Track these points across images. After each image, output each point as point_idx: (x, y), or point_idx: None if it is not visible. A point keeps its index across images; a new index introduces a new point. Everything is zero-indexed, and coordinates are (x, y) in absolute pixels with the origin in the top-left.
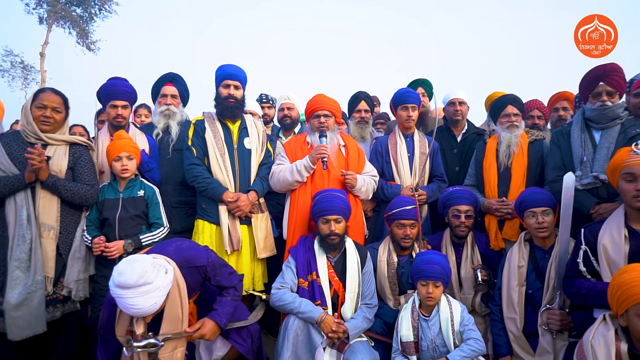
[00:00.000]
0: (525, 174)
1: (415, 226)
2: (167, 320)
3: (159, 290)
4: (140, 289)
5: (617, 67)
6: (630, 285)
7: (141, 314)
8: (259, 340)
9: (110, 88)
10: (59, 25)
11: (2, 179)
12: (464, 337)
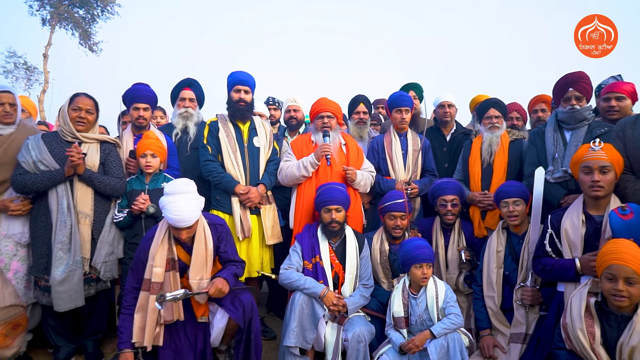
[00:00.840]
0: (505, 169)
1: (405, 217)
2: (195, 265)
3: (196, 202)
4: (185, 195)
5: (585, 75)
6: (606, 252)
7: (182, 218)
8: (251, 312)
9: (134, 92)
10: (62, 27)
11: (46, 173)
12: (446, 312)
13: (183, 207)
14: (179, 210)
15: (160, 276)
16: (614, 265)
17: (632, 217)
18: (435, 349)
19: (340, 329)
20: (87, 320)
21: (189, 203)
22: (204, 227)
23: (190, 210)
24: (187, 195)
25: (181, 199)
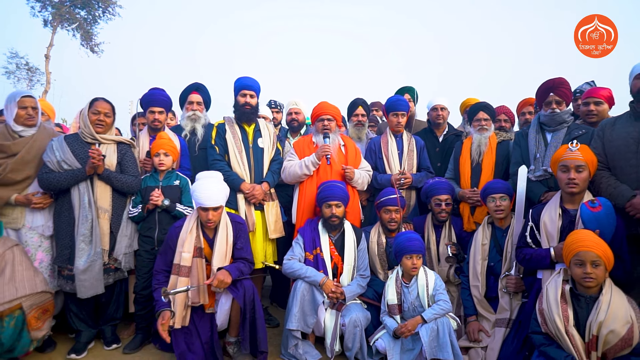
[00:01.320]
0: (493, 168)
1: (399, 211)
2: (218, 253)
3: (222, 187)
4: (212, 179)
5: (564, 81)
6: (571, 242)
7: (209, 196)
8: (252, 294)
9: (150, 97)
10: (64, 28)
11: (69, 172)
12: (435, 299)
13: (210, 187)
14: (207, 190)
15: (188, 261)
16: (581, 251)
17: (601, 209)
18: (426, 332)
19: (339, 315)
20: (105, 308)
21: (215, 185)
22: (227, 221)
23: (217, 190)
24: (214, 179)
25: (209, 181)
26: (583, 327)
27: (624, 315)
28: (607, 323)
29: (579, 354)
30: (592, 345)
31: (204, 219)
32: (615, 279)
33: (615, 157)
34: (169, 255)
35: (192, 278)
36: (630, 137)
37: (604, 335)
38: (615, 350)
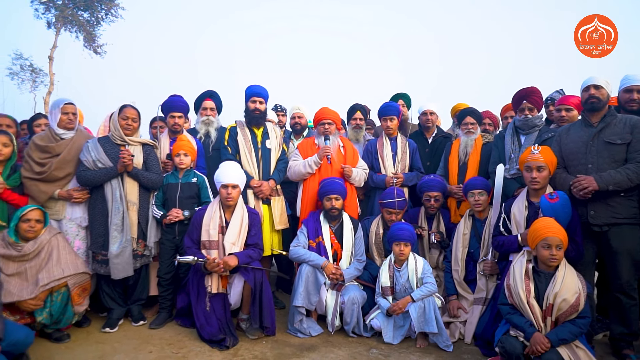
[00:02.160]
0: (477, 167)
1: (399, 213)
2: (231, 229)
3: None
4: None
5: (536, 89)
6: (538, 229)
7: (230, 174)
8: (261, 277)
9: (171, 103)
10: (67, 30)
11: (103, 170)
12: (423, 282)
13: (231, 168)
14: (228, 170)
15: (215, 236)
16: (549, 237)
17: (557, 200)
18: (415, 310)
19: (338, 294)
20: (133, 289)
21: (234, 168)
22: (242, 206)
23: (235, 170)
24: (234, 164)
25: (230, 164)
26: (541, 298)
27: (574, 287)
28: (561, 293)
29: (537, 320)
30: (548, 312)
31: (224, 196)
32: (569, 259)
33: (569, 158)
34: (195, 234)
35: (219, 251)
36: (581, 140)
37: (558, 303)
38: (565, 315)
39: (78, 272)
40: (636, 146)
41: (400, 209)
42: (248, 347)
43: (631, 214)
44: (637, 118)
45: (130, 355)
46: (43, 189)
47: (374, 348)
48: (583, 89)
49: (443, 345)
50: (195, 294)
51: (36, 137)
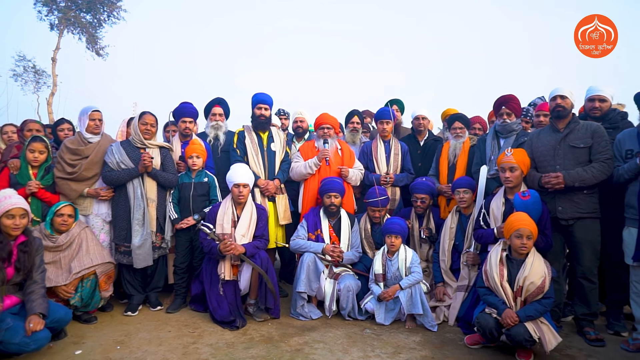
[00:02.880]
0: (465, 168)
1: (382, 210)
2: (242, 222)
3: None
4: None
5: (514, 97)
6: (513, 221)
7: (241, 174)
8: (267, 263)
9: (182, 110)
10: (70, 32)
11: (126, 170)
12: (411, 270)
13: (241, 169)
14: (239, 171)
15: (228, 229)
16: (521, 228)
17: (529, 198)
18: (404, 295)
19: (335, 283)
20: (151, 278)
21: (245, 169)
22: (251, 203)
23: (246, 171)
24: (244, 165)
25: (241, 165)
26: (513, 282)
27: (541, 272)
28: (530, 277)
29: (509, 300)
30: (518, 293)
31: (236, 194)
32: (540, 249)
33: (539, 159)
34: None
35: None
36: (550, 144)
37: (527, 285)
38: (532, 295)
39: (105, 261)
40: (597, 148)
41: (383, 206)
42: (255, 328)
43: (592, 209)
44: (597, 124)
45: (152, 334)
46: (74, 187)
47: (367, 328)
48: (550, 99)
49: (429, 326)
50: (208, 281)
51: (67, 141)
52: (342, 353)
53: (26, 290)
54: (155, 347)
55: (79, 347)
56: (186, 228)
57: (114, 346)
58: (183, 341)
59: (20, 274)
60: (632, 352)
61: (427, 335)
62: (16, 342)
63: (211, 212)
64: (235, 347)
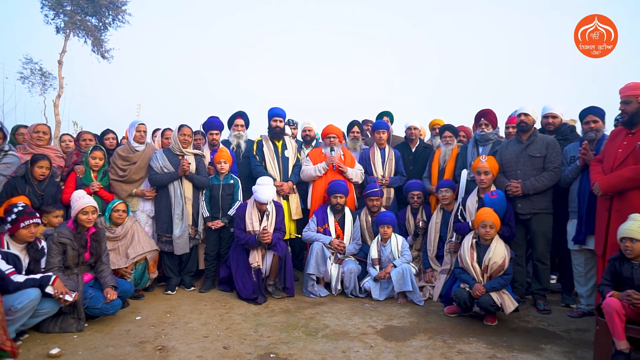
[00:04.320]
0: (453, 171)
1: (379, 200)
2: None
3: (272, 190)
4: (269, 186)
5: (491, 111)
6: (478, 215)
7: (265, 199)
8: (285, 251)
9: (211, 124)
10: (75, 35)
11: (168, 174)
12: (402, 254)
13: (266, 191)
14: (264, 193)
15: (256, 225)
16: (485, 220)
17: (496, 197)
18: (395, 274)
19: (340, 267)
20: (186, 263)
21: (269, 190)
22: (273, 206)
23: (270, 194)
24: (269, 186)
25: (266, 188)
26: (481, 262)
27: (502, 254)
28: (493, 258)
29: (478, 276)
30: (485, 270)
31: (259, 206)
32: (504, 237)
33: (506, 166)
34: (241, 225)
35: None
36: (514, 153)
37: (491, 264)
38: (496, 272)
39: (153, 249)
40: (549, 158)
41: (380, 196)
42: (275, 303)
43: (545, 206)
44: (551, 138)
45: (192, 307)
46: (124, 188)
47: (366, 303)
48: (517, 115)
49: (417, 301)
50: (235, 266)
51: (119, 149)
52: (346, 319)
53: (97, 269)
54: (197, 315)
55: (137, 315)
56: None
57: (164, 314)
58: (218, 312)
59: (93, 257)
60: (574, 317)
61: (415, 308)
62: (99, 307)
63: (239, 212)
64: (260, 316)
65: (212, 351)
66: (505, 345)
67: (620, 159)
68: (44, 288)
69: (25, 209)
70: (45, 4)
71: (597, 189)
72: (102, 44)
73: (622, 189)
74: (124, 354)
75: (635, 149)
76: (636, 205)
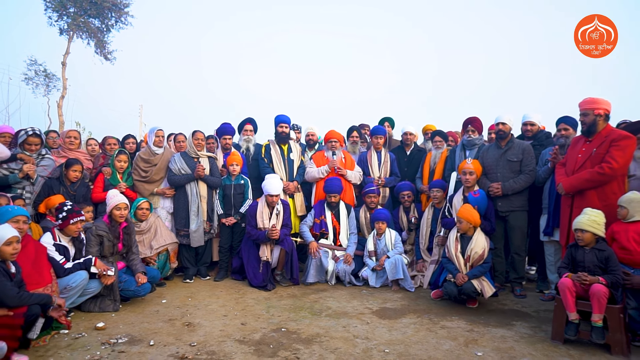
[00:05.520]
0: (442, 173)
1: (376, 197)
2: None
3: (280, 183)
4: (276, 179)
5: (478, 118)
6: (460, 212)
7: (275, 189)
8: (291, 246)
9: (224, 130)
10: (79, 37)
11: (185, 175)
12: (395, 246)
13: (275, 183)
14: (273, 184)
15: (266, 223)
16: (463, 217)
17: (479, 196)
18: (389, 264)
19: (335, 264)
20: (201, 255)
21: (277, 182)
22: (281, 204)
23: (278, 185)
24: (276, 179)
25: (274, 179)
26: (464, 252)
27: (482, 245)
28: (474, 248)
29: (461, 265)
30: (467, 260)
31: (270, 201)
32: (486, 231)
33: (487, 169)
34: (252, 222)
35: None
36: (494, 158)
37: (473, 254)
38: (477, 261)
39: (173, 241)
40: (525, 162)
41: (377, 194)
42: (282, 290)
43: (521, 204)
44: (527, 144)
45: (209, 292)
46: (147, 187)
47: (364, 290)
48: (495, 124)
49: (408, 287)
50: (246, 257)
51: (141, 153)
52: (346, 302)
53: (128, 258)
54: (215, 299)
55: (162, 299)
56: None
57: (186, 298)
58: (233, 296)
59: (125, 248)
60: (545, 300)
61: (406, 294)
62: (132, 290)
63: (251, 210)
64: (270, 300)
65: (232, 326)
66: (482, 322)
67: (580, 162)
68: (89, 269)
69: (74, 208)
70: (48, 6)
71: (560, 189)
72: (105, 46)
73: (581, 188)
74: (157, 328)
75: (592, 154)
76: (593, 202)
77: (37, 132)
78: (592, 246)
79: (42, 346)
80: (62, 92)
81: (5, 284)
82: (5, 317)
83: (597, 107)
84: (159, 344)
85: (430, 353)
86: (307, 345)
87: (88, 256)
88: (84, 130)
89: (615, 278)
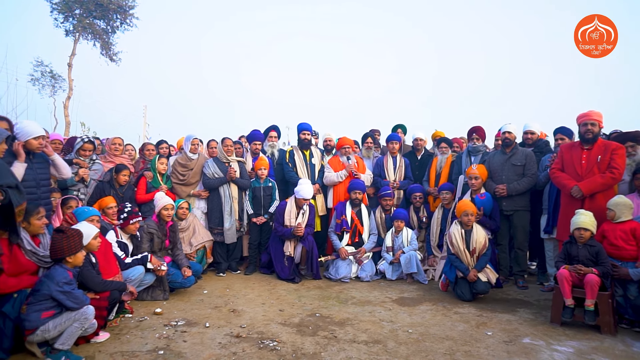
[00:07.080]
0: (447, 176)
1: (391, 200)
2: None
3: (312, 188)
4: (309, 185)
5: (481, 127)
6: (459, 207)
7: (308, 194)
8: (312, 244)
9: (253, 136)
10: (85, 38)
11: (218, 179)
12: (410, 243)
13: (308, 189)
14: (306, 190)
15: (293, 221)
16: (465, 210)
17: (485, 198)
18: (404, 259)
19: (359, 267)
20: (232, 251)
21: (310, 188)
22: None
23: (311, 190)
24: (309, 185)
25: (307, 186)
26: (468, 246)
27: (483, 236)
28: (478, 239)
29: (467, 258)
30: (473, 252)
31: (301, 204)
32: (491, 229)
33: (492, 173)
34: (281, 220)
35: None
36: (500, 162)
37: (476, 246)
38: (481, 250)
39: (209, 239)
40: (527, 167)
41: (392, 197)
42: (308, 282)
43: (524, 204)
44: (529, 151)
45: (243, 284)
46: (184, 190)
47: (382, 282)
48: (502, 132)
49: (422, 280)
50: (274, 253)
51: (178, 159)
52: (367, 293)
53: (174, 254)
54: (250, 290)
55: (203, 290)
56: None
57: (224, 289)
58: (265, 287)
59: (171, 244)
60: (545, 291)
61: (421, 285)
62: (179, 281)
63: (280, 209)
64: (299, 290)
65: (271, 312)
66: (490, 309)
67: (586, 168)
68: (145, 264)
69: (133, 209)
70: (55, 8)
71: (577, 191)
72: (111, 47)
73: (596, 191)
74: (207, 313)
75: (598, 162)
76: (601, 203)
77: (91, 139)
78: (584, 242)
79: (115, 326)
80: (68, 92)
81: (92, 272)
82: (94, 299)
83: (601, 120)
84: (213, 326)
85: (447, 333)
86: (341, 327)
87: (144, 253)
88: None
89: (605, 269)
